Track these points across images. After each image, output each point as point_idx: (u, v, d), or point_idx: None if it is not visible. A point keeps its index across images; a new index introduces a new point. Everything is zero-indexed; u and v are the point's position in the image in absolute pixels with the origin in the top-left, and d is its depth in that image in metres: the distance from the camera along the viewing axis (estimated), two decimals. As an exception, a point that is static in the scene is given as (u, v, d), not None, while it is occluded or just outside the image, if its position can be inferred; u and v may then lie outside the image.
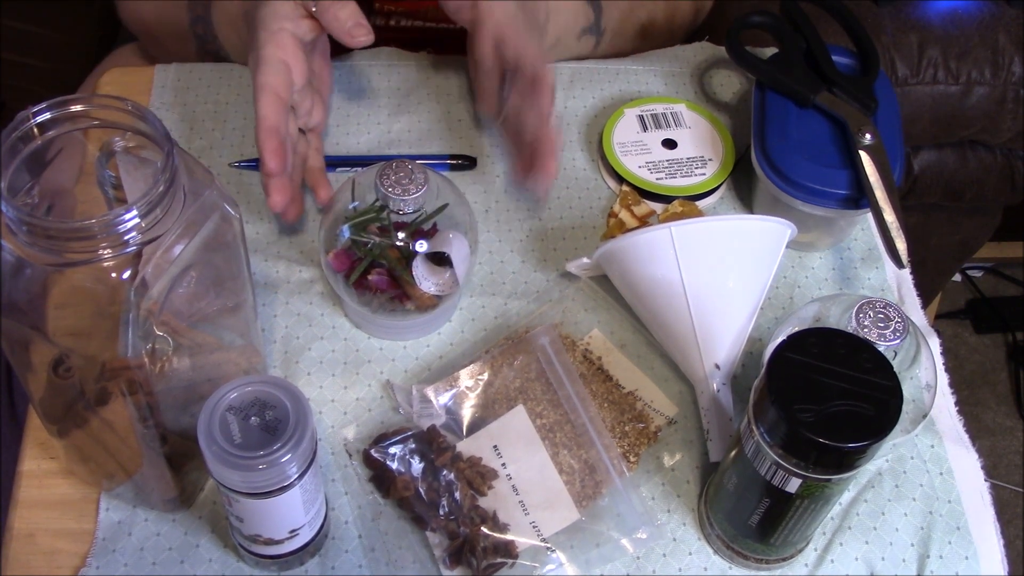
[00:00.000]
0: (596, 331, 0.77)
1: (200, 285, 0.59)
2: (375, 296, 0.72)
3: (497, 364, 0.73)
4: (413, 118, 0.89)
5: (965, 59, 1.20)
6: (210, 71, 0.90)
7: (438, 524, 0.66)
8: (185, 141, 0.85)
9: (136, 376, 0.56)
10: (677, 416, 0.73)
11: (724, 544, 0.67)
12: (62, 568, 0.65)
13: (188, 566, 0.65)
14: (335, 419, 0.72)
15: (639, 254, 0.72)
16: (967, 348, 1.87)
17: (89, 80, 1.07)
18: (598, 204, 0.85)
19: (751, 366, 0.75)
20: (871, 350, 0.58)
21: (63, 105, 0.54)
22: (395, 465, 0.68)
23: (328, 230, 0.72)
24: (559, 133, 0.89)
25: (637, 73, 0.94)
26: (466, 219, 0.72)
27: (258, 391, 0.57)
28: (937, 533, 0.69)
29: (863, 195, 0.77)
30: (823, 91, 0.81)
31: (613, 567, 0.67)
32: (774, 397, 0.56)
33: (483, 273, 0.80)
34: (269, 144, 0.71)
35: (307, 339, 0.75)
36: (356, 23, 0.75)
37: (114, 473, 0.66)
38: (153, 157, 0.55)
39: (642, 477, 0.70)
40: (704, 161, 0.86)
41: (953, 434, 0.74)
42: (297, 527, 0.61)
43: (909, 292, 0.82)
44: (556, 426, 0.71)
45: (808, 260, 0.83)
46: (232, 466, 0.55)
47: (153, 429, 0.61)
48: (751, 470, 0.60)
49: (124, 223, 0.51)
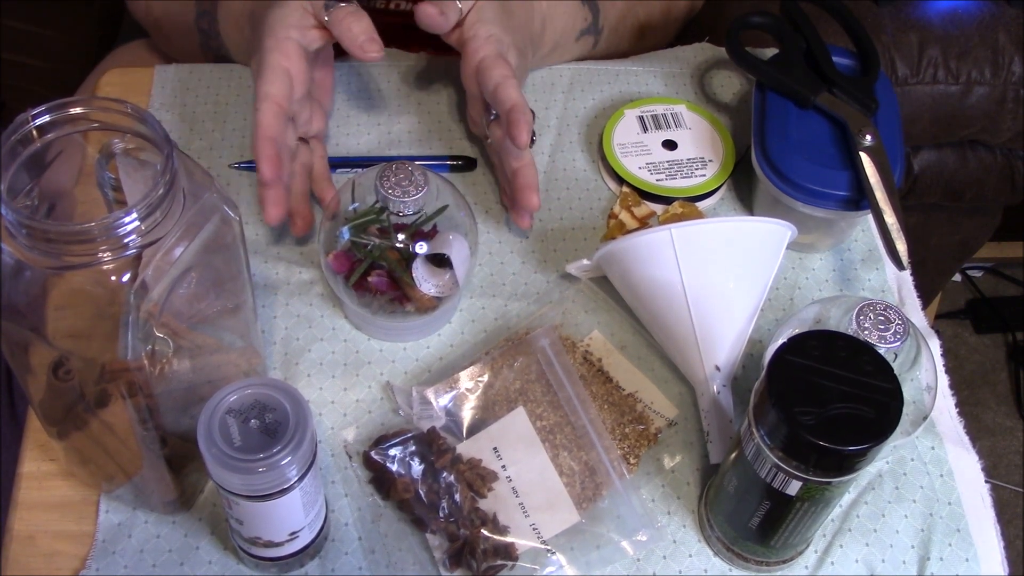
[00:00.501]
0: (596, 333, 0.77)
1: (200, 287, 0.59)
2: (375, 298, 0.72)
3: (497, 366, 0.73)
4: (413, 119, 0.89)
5: (965, 59, 1.20)
6: (210, 72, 0.90)
7: (438, 526, 0.66)
8: (185, 142, 0.85)
9: (136, 378, 0.56)
10: (677, 418, 0.73)
11: (724, 546, 0.67)
12: (62, 570, 0.65)
13: (188, 568, 0.65)
14: (335, 421, 0.72)
15: (639, 255, 0.72)
16: (967, 348, 1.87)
17: (89, 79, 1.07)
18: (598, 205, 0.85)
19: (751, 368, 0.75)
20: (872, 352, 0.58)
21: (62, 107, 0.54)
22: (395, 467, 0.68)
23: (328, 232, 0.72)
24: (560, 134, 0.89)
25: (637, 74, 0.94)
26: (466, 220, 0.72)
27: (258, 393, 0.57)
28: (937, 535, 0.69)
29: (863, 196, 0.77)
30: (823, 92, 0.81)
31: (613, 569, 0.67)
32: (774, 399, 0.56)
33: (483, 275, 0.80)
34: (266, 151, 0.71)
35: (307, 341, 0.75)
36: (369, 38, 0.74)
37: (114, 475, 0.66)
38: (153, 159, 0.55)
39: (642, 479, 0.70)
40: (704, 162, 0.86)
41: (953, 436, 0.74)
42: (297, 529, 0.61)
43: (909, 293, 0.82)
44: (556, 428, 0.71)
45: (808, 261, 0.83)
46: (232, 469, 0.55)
47: (153, 431, 0.61)
48: (751, 472, 0.60)
49: (124, 226, 0.50)
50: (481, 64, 0.77)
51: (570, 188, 0.86)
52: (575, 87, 0.92)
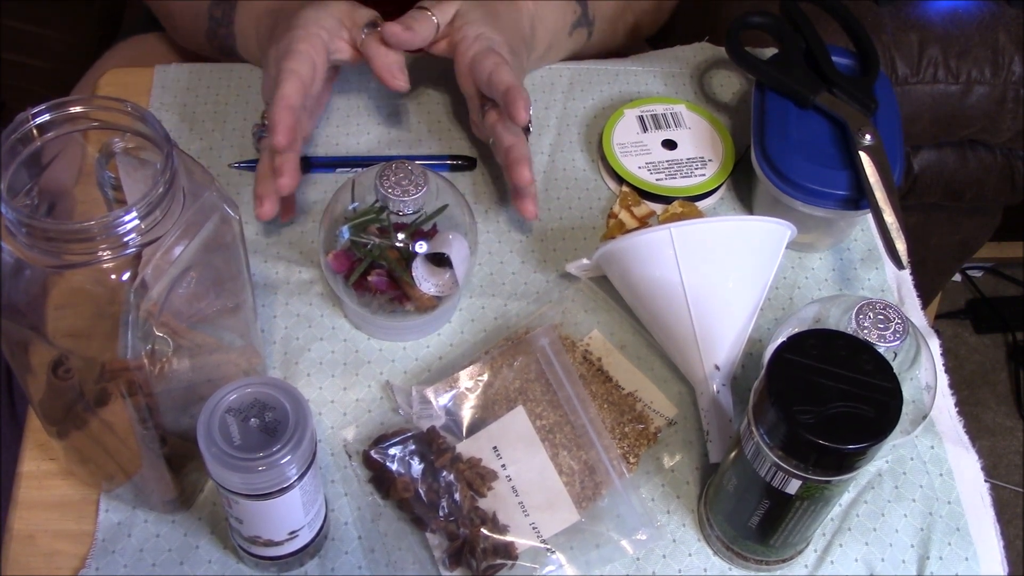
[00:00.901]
0: (596, 332, 0.77)
1: (200, 286, 0.59)
2: (375, 297, 0.72)
3: (497, 365, 0.73)
4: (413, 118, 0.89)
5: (965, 58, 1.20)
6: (210, 71, 0.90)
7: (438, 525, 0.66)
8: (184, 142, 0.85)
9: (136, 377, 0.56)
10: (677, 417, 0.73)
11: (724, 545, 0.67)
12: (61, 569, 0.65)
13: (188, 567, 0.65)
14: (335, 420, 0.72)
15: (639, 255, 0.72)
16: (967, 348, 1.87)
17: (87, 76, 1.07)
18: (598, 205, 0.85)
19: (751, 367, 0.75)
20: (871, 351, 0.58)
21: (62, 106, 0.54)
22: (395, 466, 0.68)
23: (328, 231, 0.72)
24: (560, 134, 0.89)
25: (637, 74, 0.94)
26: (466, 220, 0.72)
27: (257, 392, 0.57)
28: (937, 534, 0.69)
29: (863, 196, 0.77)
30: (823, 91, 0.81)
31: (613, 568, 0.67)
32: (774, 398, 0.56)
33: (483, 274, 0.80)
34: (285, 119, 0.72)
35: (307, 340, 0.75)
36: (400, 68, 0.77)
37: (114, 474, 0.66)
38: (153, 158, 0.55)
39: (642, 478, 0.70)
40: (704, 162, 0.86)
41: (953, 435, 0.74)
42: (297, 528, 0.61)
43: (909, 293, 0.82)
44: (556, 427, 0.71)
45: (808, 261, 0.83)
46: (231, 468, 0.55)
47: (153, 430, 0.61)
48: (751, 471, 0.60)
49: (124, 225, 0.51)
50: (473, 59, 0.78)
51: (570, 188, 0.86)
52: (575, 87, 0.92)
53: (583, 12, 0.91)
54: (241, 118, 0.87)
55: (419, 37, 0.78)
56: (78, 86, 1.05)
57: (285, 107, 0.73)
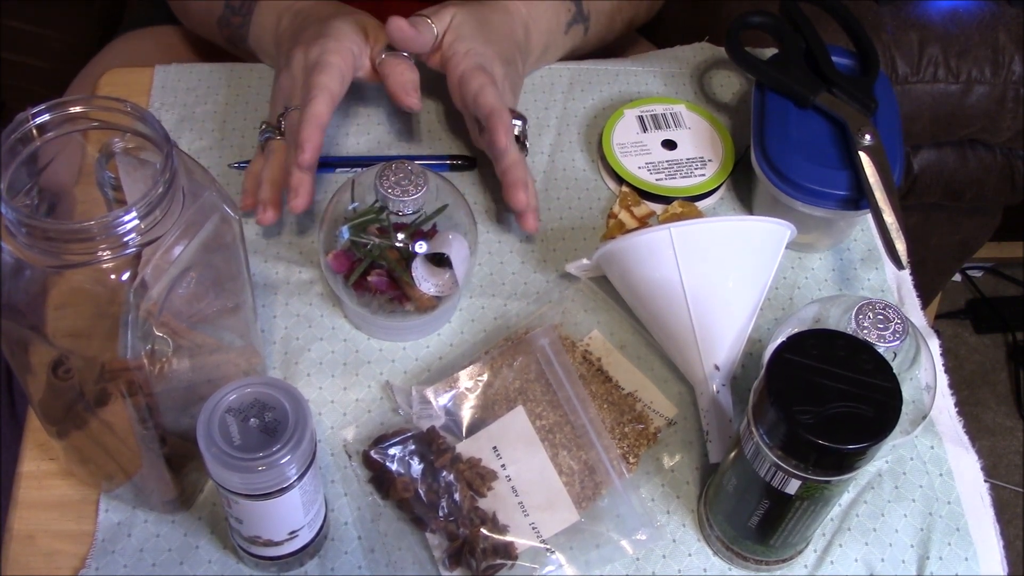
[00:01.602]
0: (596, 332, 0.77)
1: (200, 286, 0.59)
2: (375, 297, 0.72)
3: (497, 365, 0.73)
4: (413, 118, 0.89)
5: (965, 58, 1.20)
6: (210, 71, 0.90)
7: (438, 525, 0.66)
8: (185, 142, 0.85)
9: (136, 377, 0.56)
10: (677, 417, 0.73)
11: (724, 545, 0.67)
12: (61, 569, 0.65)
13: (187, 567, 0.65)
14: (334, 420, 0.72)
15: (639, 255, 0.72)
16: (967, 348, 1.87)
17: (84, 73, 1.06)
18: (598, 205, 0.85)
19: (751, 367, 0.75)
20: (871, 351, 0.58)
21: (62, 106, 0.54)
22: (395, 466, 0.68)
23: (327, 231, 0.72)
24: (560, 134, 0.89)
25: (637, 74, 0.94)
26: (466, 220, 0.72)
27: (257, 392, 0.57)
28: (937, 534, 0.69)
29: (863, 196, 0.77)
30: (823, 91, 0.81)
31: (612, 568, 0.67)
32: (774, 398, 0.56)
33: (483, 274, 0.80)
34: (315, 138, 0.73)
35: (306, 340, 0.75)
36: (415, 88, 0.78)
37: (114, 474, 0.66)
38: (152, 158, 0.55)
39: (642, 478, 0.70)
40: (704, 162, 0.86)
41: (953, 435, 0.74)
42: (296, 528, 0.61)
43: (909, 293, 0.82)
44: (556, 427, 0.71)
45: (808, 261, 0.83)
46: (231, 468, 0.55)
47: (152, 430, 0.61)
48: (751, 471, 0.60)
49: (123, 224, 0.51)
50: (462, 78, 0.79)
51: (570, 188, 0.86)
52: (575, 87, 0.92)
53: (577, 10, 0.91)
54: (241, 118, 0.87)
55: (421, 39, 0.79)
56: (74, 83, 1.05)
57: (317, 126, 0.73)
